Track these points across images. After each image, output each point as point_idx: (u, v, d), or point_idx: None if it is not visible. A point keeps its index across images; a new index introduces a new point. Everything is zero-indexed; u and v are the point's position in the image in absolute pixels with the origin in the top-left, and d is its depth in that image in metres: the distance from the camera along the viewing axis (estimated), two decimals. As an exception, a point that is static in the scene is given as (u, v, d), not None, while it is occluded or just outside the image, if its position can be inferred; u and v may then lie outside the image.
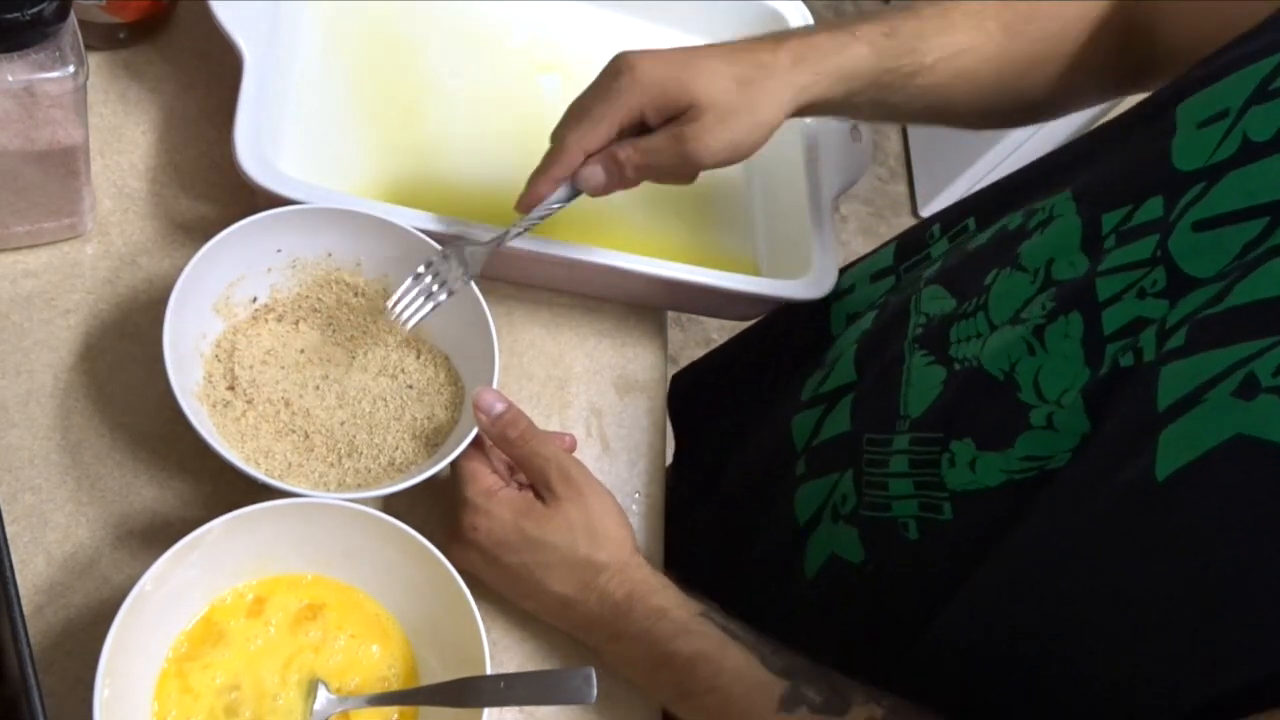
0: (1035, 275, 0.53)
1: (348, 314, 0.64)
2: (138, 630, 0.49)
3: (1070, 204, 0.54)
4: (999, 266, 0.56)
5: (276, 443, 0.59)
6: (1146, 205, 0.49)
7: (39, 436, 0.57)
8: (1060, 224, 0.54)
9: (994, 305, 0.55)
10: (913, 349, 0.59)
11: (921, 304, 0.61)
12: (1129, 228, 0.49)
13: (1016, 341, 0.52)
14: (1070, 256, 0.52)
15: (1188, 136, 0.49)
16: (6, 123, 0.52)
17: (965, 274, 0.59)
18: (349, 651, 0.55)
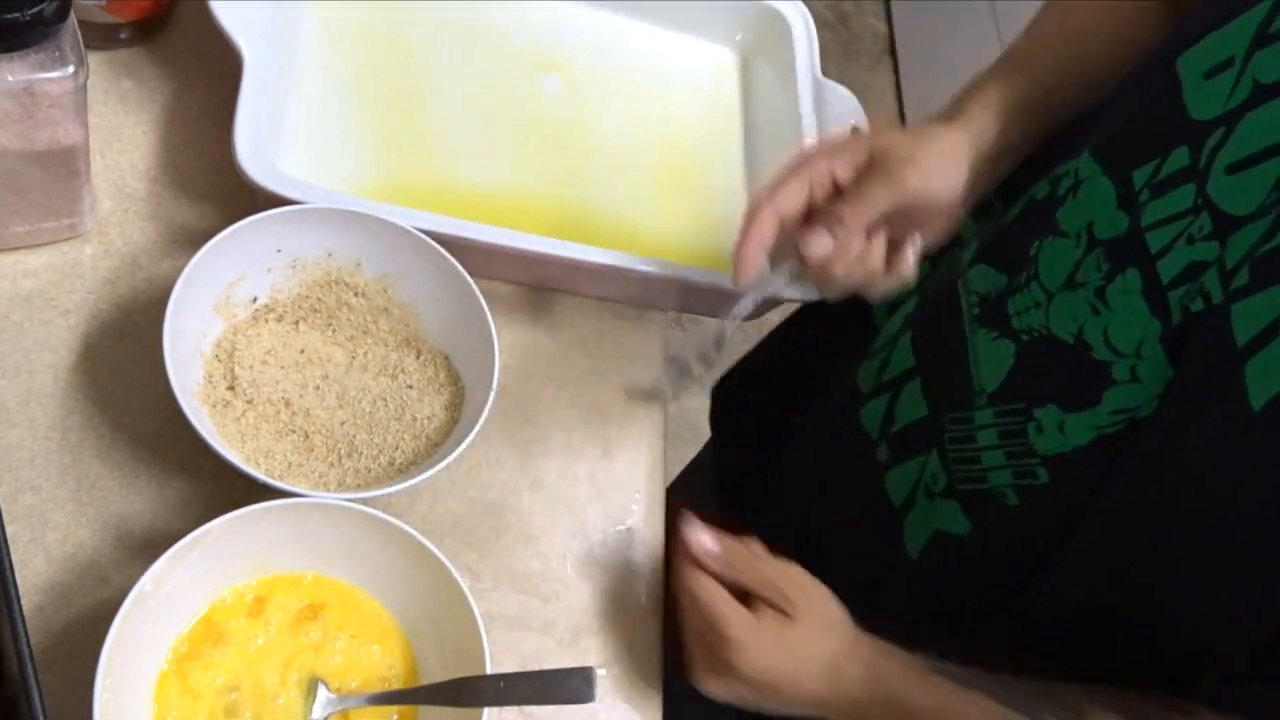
0: (1078, 239, 0.55)
1: (348, 314, 0.64)
2: (138, 630, 0.49)
3: (1094, 165, 0.56)
4: (1040, 236, 0.58)
5: (276, 443, 0.59)
6: (1173, 156, 0.52)
7: (39, 436, 0.57)
8: (1091, 186, 0.56)
9: (1044, 273, 0.57)
10: (974, 327, 0.61)
11: (970, 283, 0.63)
12: (1160, 180, 0.52)
13: (1080, 304, 0.54)
14: (1109, 215, 0.54)
15: (1197, 87, 0.52)
16: (6, 123, 0.52)
17: (1007, 248, 0.61)
18: (349, 651, 0.55)
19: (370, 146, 0.70)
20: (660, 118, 0.82)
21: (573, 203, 0.75)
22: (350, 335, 0.64)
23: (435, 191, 0.70)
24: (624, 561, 0.68)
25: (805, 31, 0.83)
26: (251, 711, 0.52)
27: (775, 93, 0.83)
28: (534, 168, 0.75)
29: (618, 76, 0.81)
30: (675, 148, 0.81)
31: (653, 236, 0.76)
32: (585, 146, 0.77)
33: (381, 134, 0.71)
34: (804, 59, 0.82)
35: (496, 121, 0.75)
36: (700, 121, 0.83)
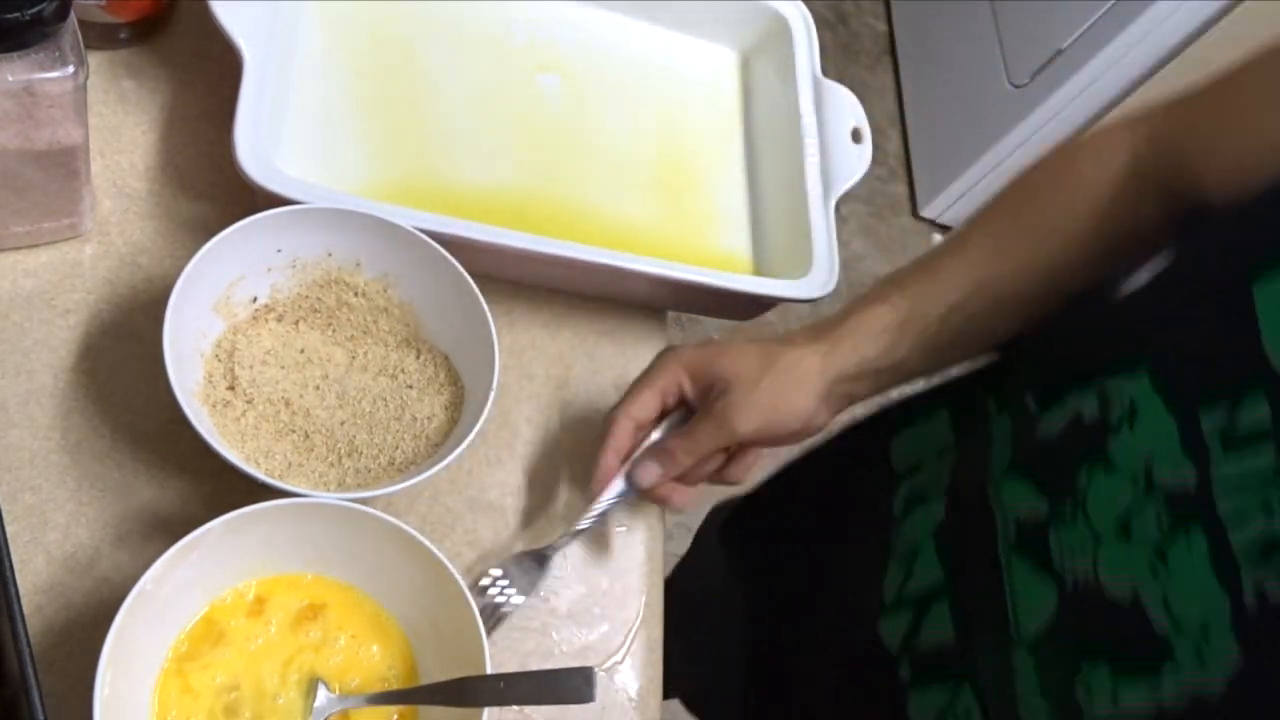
0: (1135, 479, 0.49)
1: (348, 314, 0.64)
2: (138, 630, 0.49)
3: (1155, 397, 0.49)
4: (1088, 463, 0.52)
5: (276, 443, 0.59)
6: (1247, 403, 0.45)
7: (39, 436, 0.57)
8: (1150, 421, 0.49)
9: (1094, 511, 0.51)
10: (1010, 554, 0.55)
11: (1004, 499, 0.57)
12: (1234, 433, 0.45)
13: (1136, 560, 0.48)
14: (1173, 460, 0.47)
15: (1278, 329, 0.44)
16: (6, 122, 0.52)
17: (1049, 468, 0.55)
18: (349, 651, 0.55)
19: (370, 146, 0.70)
20: (660, 117, 0.82)
21: (572, 202, 0.75)
22: (350, 335, 0.64)
23: (435, 191, 0.70)
24: (624, 561, 0.68)
25: (805, 31, 0.83)
26: (251, 711, 0.52)
27: (775, 93, 0.83)
28: (534, 167, 0.75)
29: (618, 76, 0.81)
30: (675, 147, 0.81)
31: (653, 236, 0.76)
32: (585, 146, 0.77)
33: (381, 134, 0.71)
34: (804, 59, 0.82)
35: (496, 121, 0.75)
36: (700, 121, 0.83)
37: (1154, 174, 0.59)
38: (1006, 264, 0.62)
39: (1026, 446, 0.58)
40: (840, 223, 2.32)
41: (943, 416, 0.68)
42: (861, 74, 2.41)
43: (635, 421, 0.63)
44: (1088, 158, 0.63)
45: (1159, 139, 0.60)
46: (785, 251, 0.77)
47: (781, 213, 0.79)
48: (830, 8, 2.45)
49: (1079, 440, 0.53)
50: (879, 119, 2.36)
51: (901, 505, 0.67)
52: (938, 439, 0.67)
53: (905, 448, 0.70)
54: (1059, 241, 0.61)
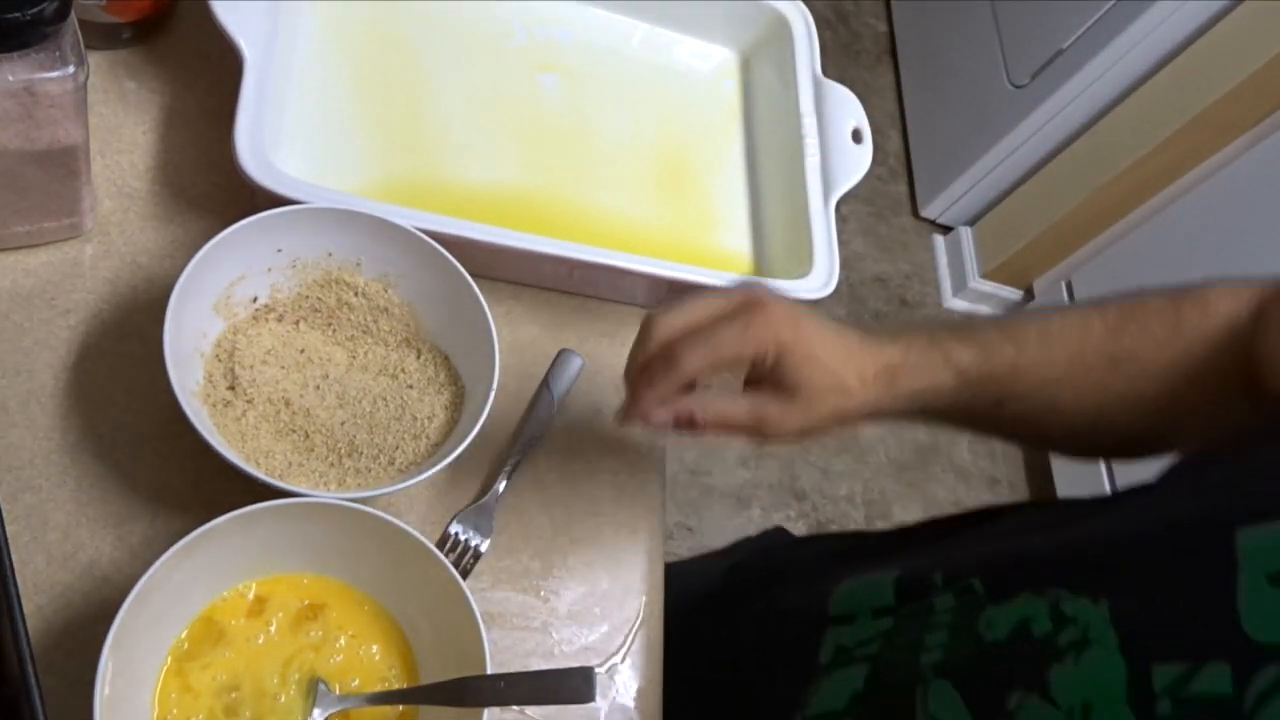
0: (1070, 717, 0.46)
1: (348, 314, 0.64)
2: (138, 630, 0.49)
3: (1109, 630, 0.46)
4: (1023, 687, 0.48)
5: (276, 443, 0.59)
6: (1208, 670, 0.41)
7: (39, 436, 0.57)
8: (1098, 657, 0.46)
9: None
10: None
11: (929, 701, 0.53)
12: (1188, 696, 0.42)
13: None
14: (1115, 709, 0.44)
15: (1259, 593, 0.41)
16: (6, 122, 0.52)
17: (981, 680, 0.51)
18: (349, 651, 0.55)
19: (370, 146, 0.70)
20: (660, 117, 0.82)
21: (572, 202, 0.75)
22: (350, 335, 0.64)
23: (435, 191, 0.70)
24: (624, 561, 0.68)
25: (805, 31, 0.83)
26: (251, 711, 0.52)
27: (775, 92, 0.83)
28: (534, 167, 0.75)
29: (617, 76, 0.81)
30: (675, 147, 0.81)
31: (653, 236, 0.76)
32: (585, 146, 0.77)
33: (381, 134, 0.71)
34: (804, 59, 0.82)
35: (496, 121, 0.75)
36: (700, 121, 0.83)
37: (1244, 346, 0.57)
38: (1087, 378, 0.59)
39: (965, 643, 0.53)
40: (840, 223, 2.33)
41: (889, 576, 0.63)
42: (861, 74, 2.41)
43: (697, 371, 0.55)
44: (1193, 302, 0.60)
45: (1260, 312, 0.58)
46: (785, 251, 0.77)
47: (781, 212, 0.79)
48: (830, 8, 2.45)
49: (1021, 656, 0.50)
50: (879, 119, 2.37)
51: (829, 655, 0.62)
52: (878, 597, 0.62)
53: (845, 595, 0.65)
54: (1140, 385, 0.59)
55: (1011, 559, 0.56)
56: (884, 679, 0.57)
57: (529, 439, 0.68)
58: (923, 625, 0.57)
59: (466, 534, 0.64)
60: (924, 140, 2.32)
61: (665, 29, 0.85)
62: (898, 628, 0.58)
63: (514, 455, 0.67)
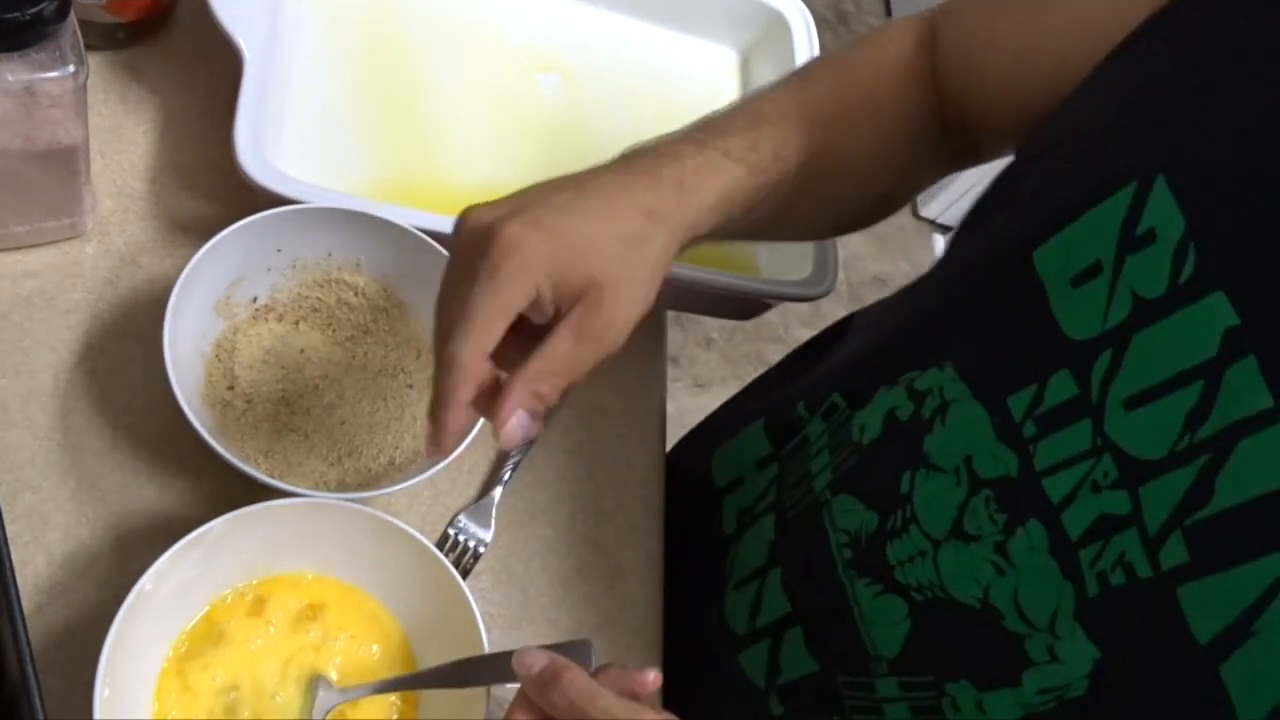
0: (958, 475, 0.48)
1: (348, 314, 0.64)
2: (138, 630, 0.49)
3: (961, 385, 0.48)
4: (909, 467, 0.50)
5: (276, 442, 0.59)
6: (1053, 382, 0.44)
7: (39, 436, 0.57)
8: (961, 411, 0.48)
9: (924, 516, 0.49)
10: (850, 576, 0.53)
11: (835, 519, 0.54)
12: (1045, 411, 0.45)
13: (979, 562, 0.46)
14: (991, 449, 0.46)
15: (1065, 297, 0.44)
16: (6, 122, 0.52)
17: (872, 479, 0.53)
18: (349, 651, 0.55)
19: (370, 146, 0.70)
20: (660, 117, 0.81)
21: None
22: (350, 335, 0.64)
23: (435, 191, 0.70)
24: (624, 560, 0.68)
25: (805, 31, 0.83)
26: (251, 711, 0.52)
27: (775, 92, 0.83)
28: (534, 167, 0.75)
29: (617, 76, 0.81)
30: (675, 147, 0.81)
31: (653, 236, 0.76)
32: (585, 146, 0.77)
33: (381, 134, 0.71)
34: (804, 58, 0.82)
35: (496, 121, 0.75)
36: (700, 121, 0.83)
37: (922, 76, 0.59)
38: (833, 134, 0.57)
39: (846, 456, 0.55)
40: (840, 222, 2.30)
41: (758, 427, 0.63)
42: (861, 74, 2.41)
43: (485, 352, 0.46)
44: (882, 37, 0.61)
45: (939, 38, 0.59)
46: (785, 251, 0.77)
47: (781, 213, 0.79)
48: (830, 8, 2.45)
49: (897, 443, 0.52)
50: (879, 119, 2.36)
51: (732, 524, 0.63)
52: (755, 449, 0.63)
53: (724, 462, 0.66)
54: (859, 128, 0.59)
55: (859, 364, 0.58)
56: (790, 519, 0.58)
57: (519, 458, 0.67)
58: (805, 457, 0.58)
59: (466, 534, 0.64)
60: (924, 140, 2.32)
61: (665, 29, 0.85)
62: (784, 469, 0.59)
63: (514, 455, 0.67)
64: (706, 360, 1.96)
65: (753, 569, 0.60)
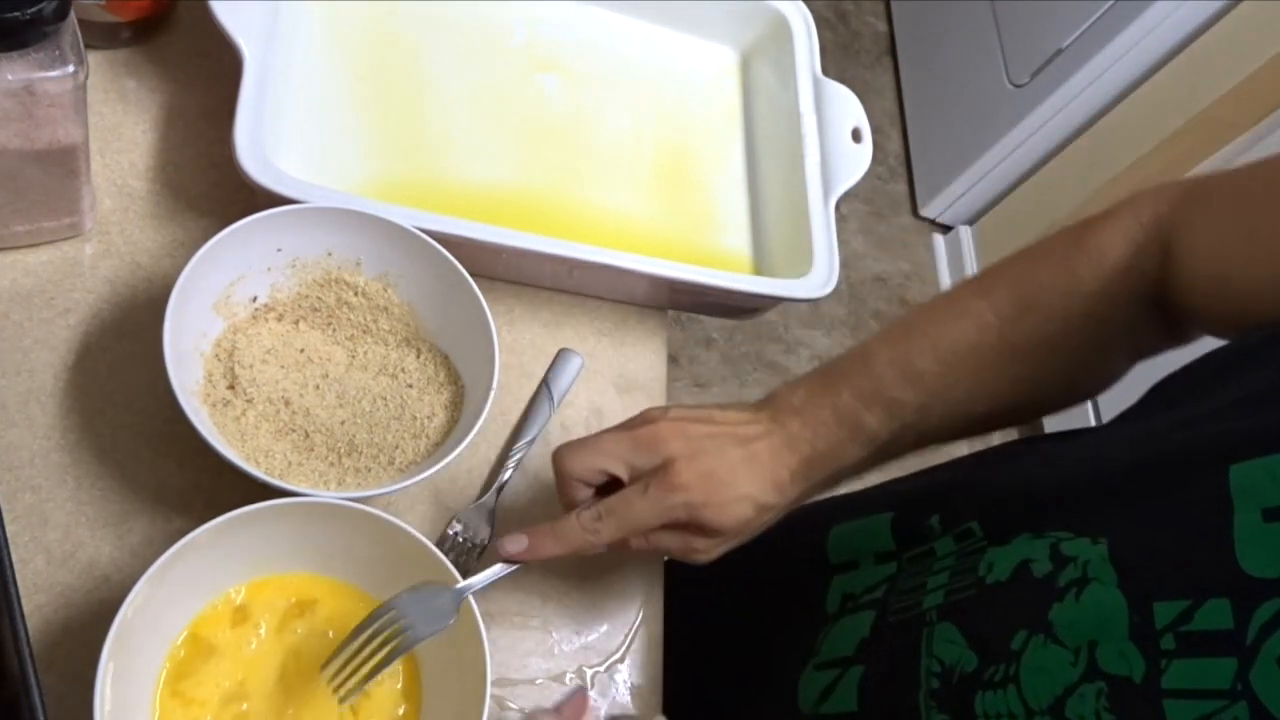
0: (1076, 656, 0.46)
1: (348, 313, 0.64)
2: (139, 630, 0.49)
3: (1108, 568, 0.46)
4: (1028, 628, 0.48)
5: (276, 442, 0.59)
6: (1209, 606, 0.42)
7: (39, 436, 0.57)
8: (1100, 594, 0.46)
9: (1027, 682, 0.47)
10: (930, 706, 0.51)
11: (934, 646, 0.53)
12: (1192, 631, 0.42)
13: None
14: (1119, 645, 0.44)
15: (1253, 529, 0.41)
16: (6, 122, 0.52)
17: (985, 622, 0.51)
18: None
19: (370, 146, 0.70)
20: (660, 117, 0.82)
21: (572, 202, 0.75)
22: (350, 334, 0.64)
23: (435, 191, 0.70)
24: (624, 560, 0.68)
25: (805, 31, 0.83)
26: (252, 708, 0.52)
27: (775, 92, 0.83)
28: (534, 167, 0.75)
29: (618, 76, 0.81)
30: (675, 147, 0.81)
31: (653, 236, 0.76)
32: (585, 146, 0.77)
33: (381, 133, 0.71)
34: (804, 58, 0.82)
35: (496, 121, 0.75)
36: (700, 121, 0.83)
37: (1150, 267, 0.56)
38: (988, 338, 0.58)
39: (967, 585, 0.54)
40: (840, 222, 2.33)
41: (884, 519, 0.63)
42: (861, 74, 2.41)
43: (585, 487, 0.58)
44: (1087, 254, 0.58)
45: (1162, 221, 0.57)
46: (785, 251, 0.77)
47: (781, 212, 0.79)
48: (830, 7, 2.45)
49: (1022, 596, 0.50)
50: (879, 119, 2.37)
51: (835, 604, 0.63)
52: (877, 540, 0.63)
53: (843, 541, 0.66)
54: (1046, 354, 0.59)
55: (1008, 501, 0.56)
56: (889, 623, 0.57)
57: (529, 439, 0.68)
58: (925, 569, 0.57)
59: (466, 533, 0.64)
60: (924, 140, 2.32)
61: (665, 29, 0.85)
62: (901, 572, 0.59)
63: (514, 455, 0.67)
64: (706, 360, 1.96)
65: (839, 656, 0.59)
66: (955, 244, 2.26)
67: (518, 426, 0.69)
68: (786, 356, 2.01)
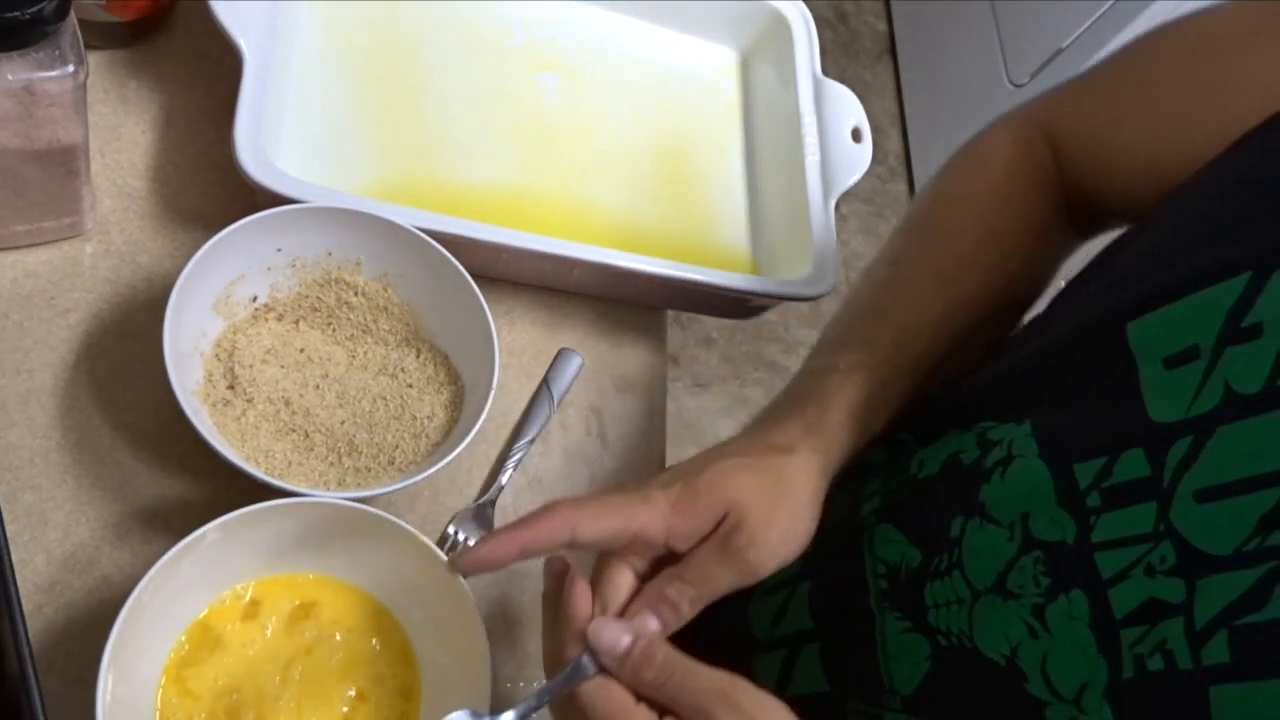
0: (1011, 531, 0.47)
1: (348, 313, 0.64)
2: (139, 630, 0.49)
3: (1031, 442, 0.48)
4: (963, 514, 0.49)
5: (276, 442, 0.59)
6: (1125, 458, 0.43)
7: (39, 436, 0.57)
8: (1024, 468, 0.47)
9: (970, 565, 0.48)
10: (882, 608, 0.52)
11: (876, 547, 0.54)
12: (1112, 485, 0.44)
13: (1013, 620, 0.46)
14: (1049, 512, 0.46)
15: (1157, 377, 0.43)
16: (6, 122, 0.52)
17: (922, 516, 0.52)
18: (347, 648, 0.55)
19: (370, 146, 0.70)
20: (660, 117, 0.82)
21: (572, 202, 0.75)
22: (350, 334, 0.64)
23: (435, 191, 0.70)
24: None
25: (805, 31, 0.83)
26: (253, 712, 0.52)
27: (775, 92, 0.83)
28: (534, 167, 0.75)
29: (618, 76, 0.81)
30: (675, 147, 0.81)
31: (653, 236, 0.76)
32: (585, 146, 0.77)
33: (381, 133, 0.71)
34: (804, 58, 0.82)
35: (496, 121, 0.75)
36: (700, 121, 0.83)
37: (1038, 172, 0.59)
38: (961, 291, 0.58)
39: (899, 487, 0.55)
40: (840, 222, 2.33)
41: None
42: (861, 73, 2.41)
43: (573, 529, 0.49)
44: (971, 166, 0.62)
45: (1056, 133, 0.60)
46: (785, 251, 0.77)
47: (781, 212, 0.79)
48: (830, 7, 2.45)
49: (953, 484, 0.51)
50: (879, 118, 2.37)
51: None
52: None
53: None
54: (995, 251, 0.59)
55: (934, 404, 0.57)
56: (830, 537, 0.56)
57: (529, 438, 0.68)
58: (859, 480, 0.58)
59: (466, 533, 0.64)
60: (924, 140, 2.32)
61: (665, 29, 0.85)
62: (838, 488, 0.57)
63: (514, 455, 0.67)
64: (706, 360, 1.96)
65: (783, 578, 0.58)
66: (955, 244, 2.26)
67: (518, 426, 0.69)
68: (786, 356, 2.00)
